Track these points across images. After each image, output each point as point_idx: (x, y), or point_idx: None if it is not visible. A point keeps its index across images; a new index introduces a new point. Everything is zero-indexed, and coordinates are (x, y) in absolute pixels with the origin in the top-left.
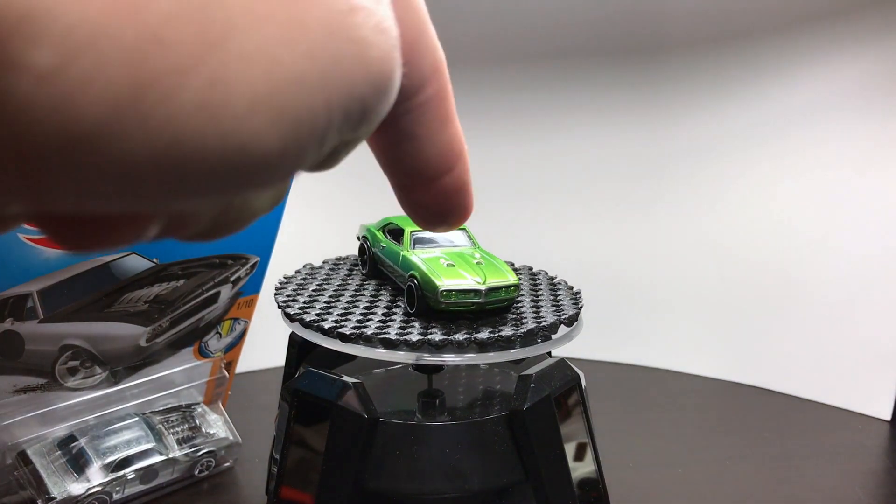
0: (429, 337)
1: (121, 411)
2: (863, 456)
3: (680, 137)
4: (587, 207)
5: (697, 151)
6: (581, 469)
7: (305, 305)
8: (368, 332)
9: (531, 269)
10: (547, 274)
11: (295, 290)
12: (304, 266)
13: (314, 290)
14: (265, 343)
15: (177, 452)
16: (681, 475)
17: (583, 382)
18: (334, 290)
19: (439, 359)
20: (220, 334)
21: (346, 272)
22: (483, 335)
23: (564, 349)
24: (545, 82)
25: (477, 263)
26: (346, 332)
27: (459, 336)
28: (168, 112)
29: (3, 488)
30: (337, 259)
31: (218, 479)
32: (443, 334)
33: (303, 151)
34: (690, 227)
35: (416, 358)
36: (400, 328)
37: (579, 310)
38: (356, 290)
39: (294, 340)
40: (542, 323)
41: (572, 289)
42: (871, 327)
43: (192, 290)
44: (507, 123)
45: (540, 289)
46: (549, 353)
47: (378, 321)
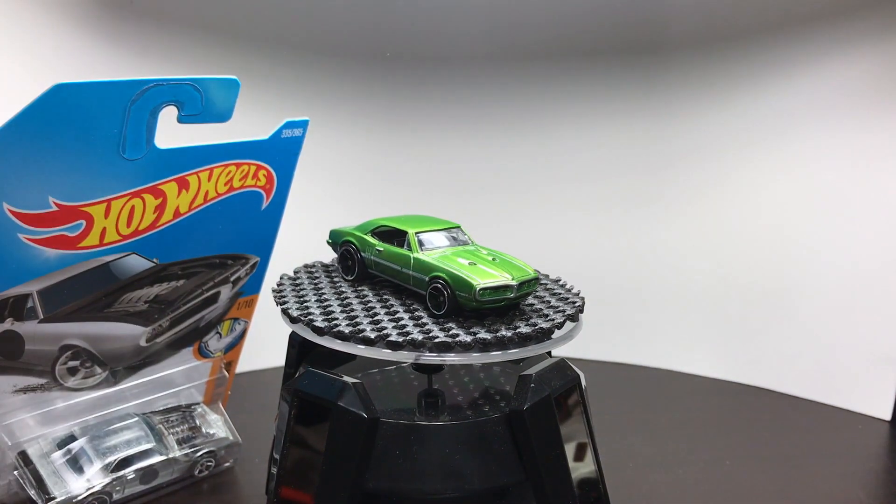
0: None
1: (121, 411)
2: (863, 456)
3: (680, 137)
4: (587, 207)
5: (698, 151)
6: (581, 469)
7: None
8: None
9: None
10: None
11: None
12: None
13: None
14: (265, 343)
15: (177, 452)
16: (681, 475)
17: (583, 382)
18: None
19: (439, 358)
20: (220, 334)
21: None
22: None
23: (564, 349)
24: (544, 82)
25: (493, 260)
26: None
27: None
28: None
29: (2, 488)
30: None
31: (218, 479)
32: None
33: None
34: (691, 226)
35: (415, 357)
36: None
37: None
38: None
39: (294, 340)
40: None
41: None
42: (871, 327)
43: (192, 290)
44: (506, 123)
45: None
46: (549, 353)
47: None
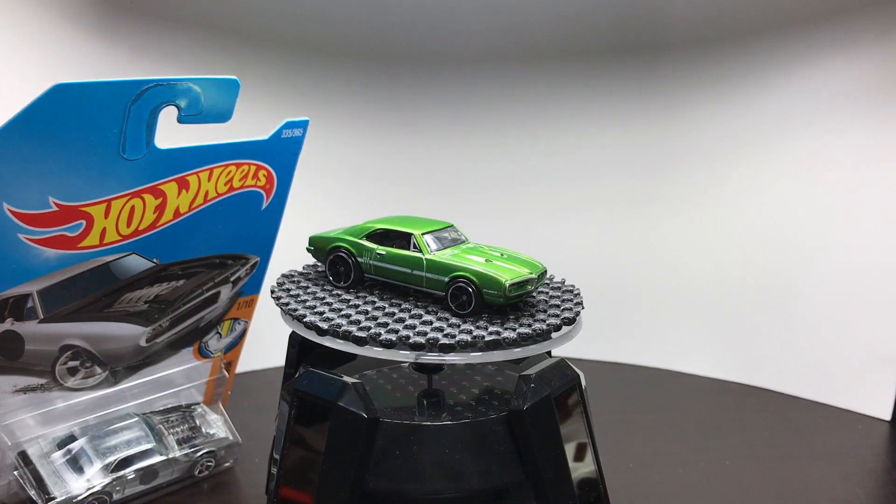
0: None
1: (121, 411)
2: (863, 456)
3: (680, 137)
4: (587, 207)
5: (698, 151)
6: (581, 469)
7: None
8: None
9: None
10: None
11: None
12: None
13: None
14: (265, 343)
15: (177, 452)
16: (681, 475)
17: (583, 382)
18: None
19: (439, 358)
20: (220, 334)
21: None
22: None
23: (564, 349)
24: (544, 81)
25: (501, 256)
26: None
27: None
28: None
29: (2, 488)
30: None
31: (218, 479)
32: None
33: None
34: (691, 226)
35: (415, 357)
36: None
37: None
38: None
39: (294, 340)
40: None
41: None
42: (871, 327)
43: (192, 290)
44: (506, 123)
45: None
46: (549, 353)
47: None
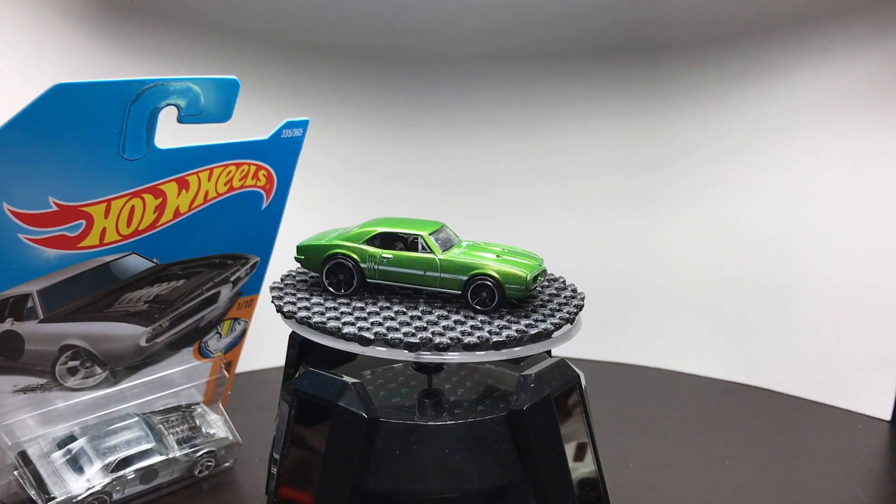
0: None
1: (121, 411)
2: (863, 456)
3: (680, 137)
4: (587, 207)
5: (698, 151)
6: (581, 469)
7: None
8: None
9: None
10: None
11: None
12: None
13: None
14: (265, 343)
15: (177, 452)
16: (681, 475)
17: (583, 382)
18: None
19: (439, 357)
20: (220, 334)
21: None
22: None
23: (564, 349)
24: (544, 81)
25: (503, 251)
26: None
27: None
28: None
29: (2, 488)
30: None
31: (218, 479)
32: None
33: None
34: (690, 226)
35: (415, 356)
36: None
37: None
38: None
39: (294, 340)
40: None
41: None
42: (870, 327)
43: (192, 290)
44: (506, 123)
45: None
46: (549, 353)
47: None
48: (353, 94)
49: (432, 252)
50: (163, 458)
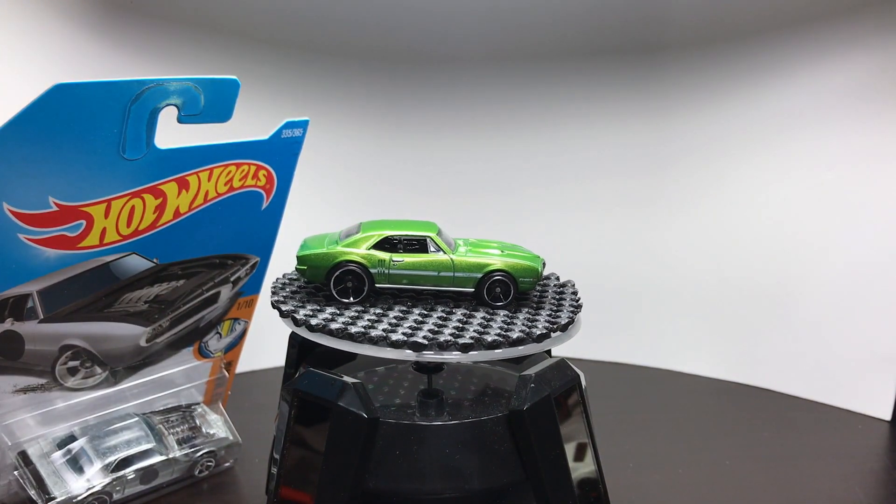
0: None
1: (121, 411)
2: (863, 456)
3: (680, 137)
4: (587, 207)
5: (698, 151)
6: (581, 469)
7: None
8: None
9: None
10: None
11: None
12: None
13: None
14: (265, 343)
15: (177, 452)
16: (681, 475)
17: (583, 382)
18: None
19: (439, 357)
20: (220, 334)
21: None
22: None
23: (564, 349)
24: (544, 82)
25: (502, 245)
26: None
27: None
28: None
29: (2, 488)
30: None
31: (218, 479)
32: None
33: None
34: (690, 226)
35: (416, 356)
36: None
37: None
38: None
39: (294, 340)
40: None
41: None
42: (871, 327)
43: (192, 290)
44: (506, 123)
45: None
46: (549, 353)
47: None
48: (353, 94)
49: (444, 252)
50: (163, 458)
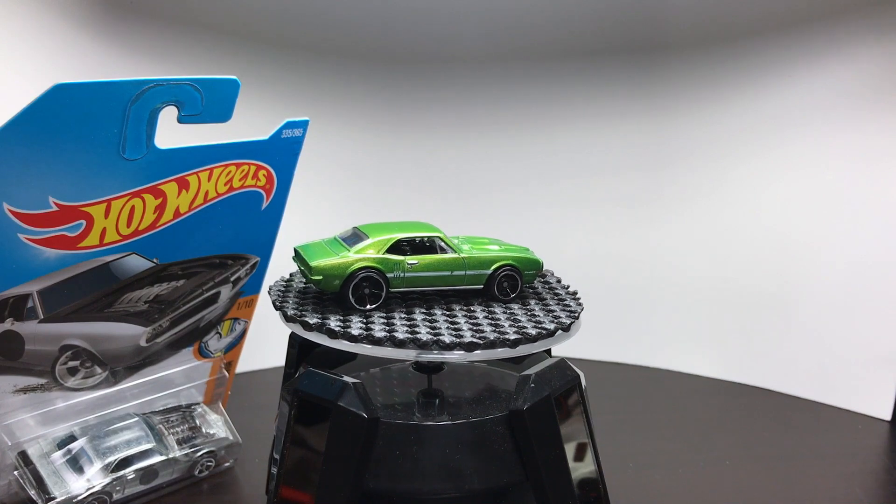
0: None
1: (121, 411)
2: (863, 456)
3: (680, 137)
4: (587, 207)
5: (698, 151)
6: (581, 469)
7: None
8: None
9: None
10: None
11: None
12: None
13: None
14: (265, 343)
15: (177, 452)
16: (681, 475)
17: (583, 382)
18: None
19: (438, 356)
20: (220, 334)
21: None
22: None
23: (564, 349)
24: (544, 82)
25: (493, 241)
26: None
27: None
28: None
29: (2, 488)
30: None
31: (218, 479)
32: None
33: None
34: (690, 226)
35: (415, 355)
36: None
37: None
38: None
39: (294, 340)
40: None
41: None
42: (870, 327)
43: (193, 290)
44: (506, 123)
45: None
46: (548, 353)
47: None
48: (353, 94)
49: (455, 251)
50: (163, 458)
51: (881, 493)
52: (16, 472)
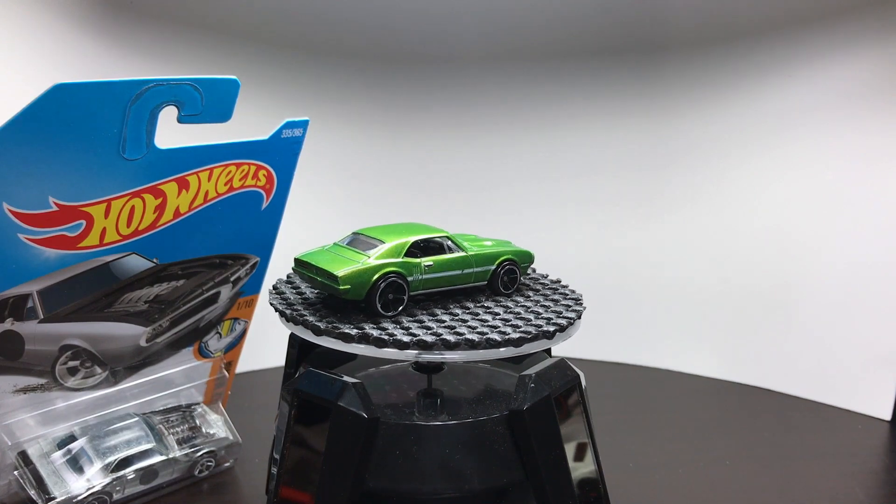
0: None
1: (121, 411)
2: (863, 456)
3: (680, 137)
4: (587, 207)
5: (697, 151)
6: (581, 469)
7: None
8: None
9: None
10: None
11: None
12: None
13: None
14: (265, 343)
15: (177, 452)
16: (681, 475)
17: (583, 382)
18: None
19: (438, 356)
20: (220, 334)
21: None
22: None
23: (564, 349)
24: (544, 82)
25: (480, 237)
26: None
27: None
28: None
29: (2, 488)
30: None
31: (218, 479)
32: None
33: None
34: (691, 226)
35: (415, 355)
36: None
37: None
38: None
39: (294, 340)
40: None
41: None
42: (870, 327)
43: (192, 290)
44: (506, 123)
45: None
46: (548, 353)
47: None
48: (353, 94)
49: (463, 249)
50: (163, 458)
51: (881, 493)
52: (16, 472)
